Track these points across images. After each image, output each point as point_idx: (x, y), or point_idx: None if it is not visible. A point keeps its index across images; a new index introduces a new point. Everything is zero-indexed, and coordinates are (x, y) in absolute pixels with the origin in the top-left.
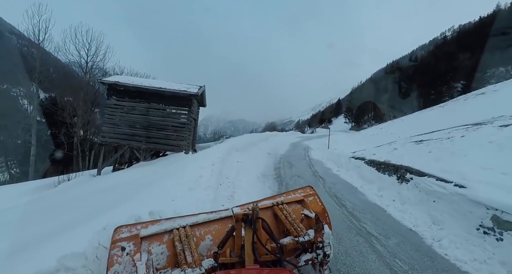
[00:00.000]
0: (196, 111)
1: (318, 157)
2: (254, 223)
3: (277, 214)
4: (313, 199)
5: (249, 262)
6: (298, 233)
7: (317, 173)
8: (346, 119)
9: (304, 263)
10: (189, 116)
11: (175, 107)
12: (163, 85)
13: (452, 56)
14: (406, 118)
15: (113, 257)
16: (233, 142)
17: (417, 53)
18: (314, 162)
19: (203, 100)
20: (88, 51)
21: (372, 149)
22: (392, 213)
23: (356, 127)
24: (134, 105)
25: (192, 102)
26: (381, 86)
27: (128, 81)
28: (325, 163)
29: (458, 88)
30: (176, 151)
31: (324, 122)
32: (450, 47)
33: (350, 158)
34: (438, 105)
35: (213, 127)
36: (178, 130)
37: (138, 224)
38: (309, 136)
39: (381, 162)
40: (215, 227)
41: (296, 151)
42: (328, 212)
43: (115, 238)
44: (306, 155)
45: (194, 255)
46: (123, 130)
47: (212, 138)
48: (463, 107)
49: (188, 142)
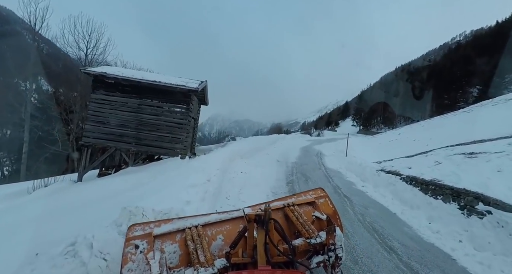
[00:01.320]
0: (196, 109)
1: (334, 166)
2: (267, 224)
3: (288, 215)
4: (324, 201)
5: (261, 263)
6: (310, 234)
7: (339, 189)
8: (354, 122)
9: (316, 265)
10: (187, 115)
11: (171, 104)
12: (157, 79)
13: (468, 60)
14: (427, 124)
15: (127, 255)
16: (237, 146)
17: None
18: (332, 173)
19: (205, 97)
20: (88, 43)
21: (402, 160)
22: (471, 267)
23: (364, 131)
24: (123, 101)
25: (191, 99)
26: (392, 89)
27: (117, 73)
28: (345, 175)
29: (474, 93)
30: (171, 155)
31: (331, 125)
32: (466, 50)
33: (378, 171)
34: (461, 110)
35: (219, 126)
36: (174, 131)
37: (152, 223)
38: (319, 140)
39: (427, 181)
40: (227, 227)
41: (309, 157)
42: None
43: (129, 236)
44: (321, 163)
45: (206, 255)
46: (110, 130)
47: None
48: (495, 113)
49: (186, 145)
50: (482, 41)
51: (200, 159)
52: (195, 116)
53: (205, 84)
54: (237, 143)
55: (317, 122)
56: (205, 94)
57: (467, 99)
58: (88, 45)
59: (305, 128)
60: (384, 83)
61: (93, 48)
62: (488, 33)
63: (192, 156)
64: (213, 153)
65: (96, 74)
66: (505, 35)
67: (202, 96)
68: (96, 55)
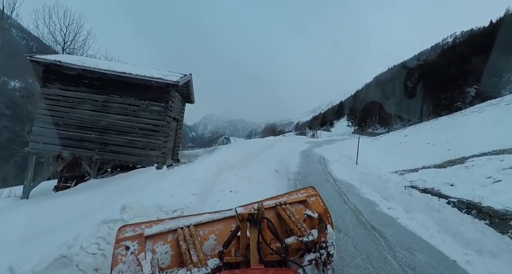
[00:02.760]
0: (179, 108)
1: (344, 176)
2: (260, 223)
3: (281, 214)
4: (315, 199)
5: (254, 261)
6: (302, 233)
7: (361, 214)
8: (349, 123)
9: (308, 263)
10: (166, 115)
11: (146, 101)
12: (128, 70)
13: (464, 59)
14: (435, 125)
15: (117, 256)
16: (228, 153)
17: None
18: (344, 187)
19: (190, 94)
20: (65, 36)
21: (433, 172)
22: None
23: (359, 131)
24: (84, 97)
25: (171, 95)
26: (387, 89)
27: (76, 62)
28: (360, 189)
29: (471, 93)
30: (145, 164)
31: (325, 125)
32: (461, 49)
33: (407, 188)
34: (470, 110)
35: (212, 126)
36: (149, 135)
37: (142, 224)
38: (317, 142)
39: (500, 213)
40: (219, 227)
41: (311, 165)
42: None
43: (119, 237)
44: (327, 172)
45: (199, 255)
46: (66, 133)
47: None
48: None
49: (164, 151)
50: (476, 40)
51: (179, 171)
52: (178, 117)
53: (189, 78)
54: (228, 148)
55: (312, 122)
56: (190, 91)
57: (464, 99)
58: (66, 38)
59: (299, 128)
60: (379, 83)
61: (72, 41)
62: (482, 33)
63: (175, 163)
64: (198, 162)
65: (48, 63)
66: (500, 35)
67: (187, 93)
68: (75, 49)
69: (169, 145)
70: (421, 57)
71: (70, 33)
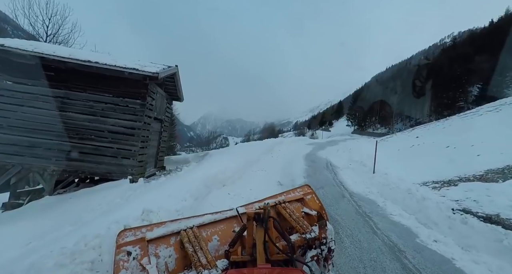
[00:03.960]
0: (163, 106)
1: (360, 188)
2: (266, 222)
3: (281, 212)
4: (311, 197)
5: (260, 261)
6: (304, 230)
7: (402, 253)
8: (348, 122)
9: (310, 259)
10: (142, 114)
11: (117, 98)
12: (94, 58)
13: (467, 58)
14: (449, 125)
15: (119, 263)
16: (220, 163)
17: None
18: (365, 206)
19: (177, 90)
20: (47, 28)
21: (483, 187)
22: None
23: (359, 131)
24: (37, 92)
25: (150, 90)
26: (388, 88)
27: (26, 47)
28: (385, 208)
29: (474, 92)
30: (116, 176)
31: (324, 125)
32: (464, 48)
33: (457, 213)
34: (485, 109)
35: (211, 126)
36: (121, 140)
37: (143, 227)
38: (319, 143)
39: None
40: (221, 227)
41: (319, 173)
42: None
43: (120, 242)
44: (339, 183)
45: (207, 256)
46: (11, 138)
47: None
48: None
49: (142, 159)
50: (478, 39)
51: (153, 189)
52: (161, 116)
53: (174, 71)
54: (222, 154)
55: (310, 122)
56: (177, 86)
57: (467, 98)
58: (48, 31)
59: (298, 128)
60: (380, 82)
61: (55, 35)
62: (483, 32)
63: (160, 171)
64: (182, 174)
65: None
66: (503, 34)
67: (174, 89)
68: (58, 43)
69: (150, 151)
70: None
71: (53, 26)
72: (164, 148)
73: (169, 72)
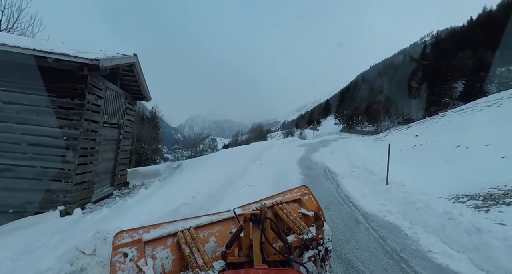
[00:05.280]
0: (121, 108)
1: (373, 204)
2: (263, 223)
3: (278, 213)
4: (308, 198)
5: (257, 261)
6: (301, 230)
7: None
8: (336, 121)
9: (307, 260)
10: (80, 118)
11: (41, 96)
12: (4, 40)
13: (450, 55)
14: (448, 123)
15: (115, 264)
16: (195, 178)
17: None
18: (389, 236)
19: (140, 87)
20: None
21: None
22: None
23: (347, 129)
24: None
25: (92, 85)
26: (375, 87)
27: None
28: (418, 242)
29: (459, 88)
30: (41, 208)
31: (312, 124)
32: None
33: None
34: (482, 104)
35: (198, 128)
36: (47, 156)
37: (140, 229)
38: (311, 144)
39: None
40: (218, 229)
41: (320, 184)
42: None
43: (116, 244)
44: (345, 198)
45: (204, 258)
46: None
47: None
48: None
49: (84, 180)
50: (459, 37)
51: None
52: (118, 121)
53: (131, 61)
54: (198, 166)
55: (298, 121)
56: (139, 81)
57: (452, 94)
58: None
59: (286, 127)
60: (366, 80)
61: (10, 29)
62: (464, 29)
63: (121, 189)
64: (137, 201)
65: None
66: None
67: (135, 85)
68: None
69: (101, 167)
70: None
71: (9, 19)
72: (126, 160)
73: (120, 61)
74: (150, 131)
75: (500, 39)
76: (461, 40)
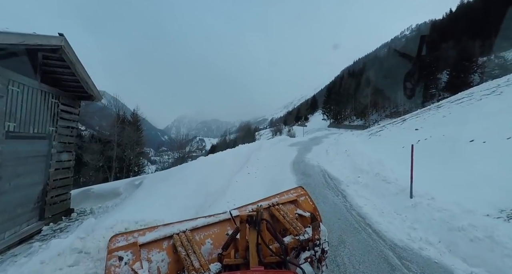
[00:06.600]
0: (43, 112)
1: (399, 229)
2: (259, 224)
3: (275, 214)
4: (304, 199)
5: (253, 263)
6: (298, 231)
7: None
8: (324, 116)
9: (304, 261)
10: None
11: None
12: None
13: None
14: (448, 114)
15: (110, 268)
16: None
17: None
18: None
19: (82, 82)
20: None
21: None
22: None
23: (335, 124)
24: None
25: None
26: (362, 80)
27: None
28: None
29: (443, 79)
30: None
31: (300, 120)
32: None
33: None
34: (478, 93)
35: (185, 128)
36: None
37: (135, 232)
38: (302, 143)
39: None
40: (214, 231)
41: (322, 197)
42: None
43: (111, 247)
44: (359, 218)
45: (200, 260)
46: None
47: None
48: None
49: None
50: (441, 28)
51: None
52: (44, 130)
53: (58, 44)
54: (163, 187)
55: (286, 118)
56: (77, 75)
57: (437, 85)
58: None
59: (273, 125)
60: (352, 74)
61: None
62: (445, 21)
63: (55, 223)
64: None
65: None
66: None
67: (74, 81)
68: None
69: (14, 196)
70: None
71: None
72: (68, 180)
73: (26, 40)
74: (132, 135)
75: (480, 29)
76: (443, 32)
